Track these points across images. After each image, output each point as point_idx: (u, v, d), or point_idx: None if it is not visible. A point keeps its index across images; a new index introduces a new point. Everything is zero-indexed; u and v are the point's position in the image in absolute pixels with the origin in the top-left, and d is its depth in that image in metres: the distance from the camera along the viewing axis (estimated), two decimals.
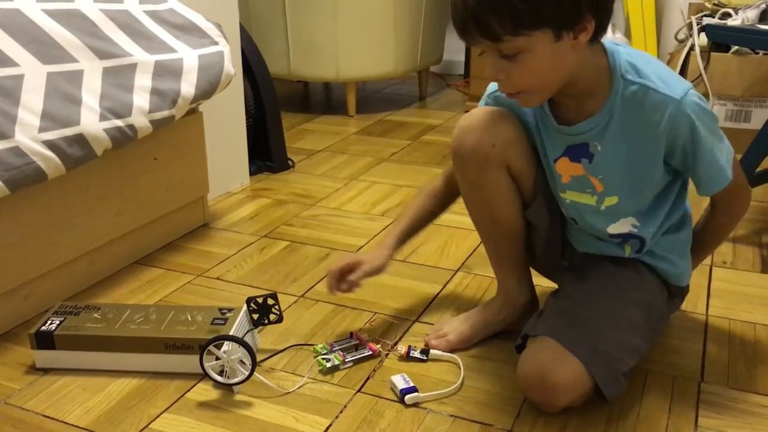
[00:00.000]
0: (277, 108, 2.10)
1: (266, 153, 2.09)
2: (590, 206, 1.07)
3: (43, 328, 1.13)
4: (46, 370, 1.14)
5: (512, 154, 1.09)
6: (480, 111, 1.11)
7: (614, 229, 1.09)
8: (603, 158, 1.02)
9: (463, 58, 3.39)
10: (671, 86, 0.95)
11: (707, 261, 1.49)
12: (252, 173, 2.05)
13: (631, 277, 1.10)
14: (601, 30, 0.92)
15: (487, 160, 1.09)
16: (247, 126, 1.99)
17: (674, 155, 1.00)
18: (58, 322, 1.15)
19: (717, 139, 1.00)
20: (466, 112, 0.97)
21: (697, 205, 1.17)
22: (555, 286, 1.25)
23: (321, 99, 3.13)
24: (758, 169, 1.59)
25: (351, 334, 1.21)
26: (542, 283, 1.31)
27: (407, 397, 1.05)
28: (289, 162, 2.15)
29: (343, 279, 1.19)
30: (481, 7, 0.86)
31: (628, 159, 1.01)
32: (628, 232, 1.08)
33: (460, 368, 1.13)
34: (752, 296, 1.36)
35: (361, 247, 1.59)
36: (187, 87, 1.44)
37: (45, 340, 1.13)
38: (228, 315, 1.16)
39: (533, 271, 1.24)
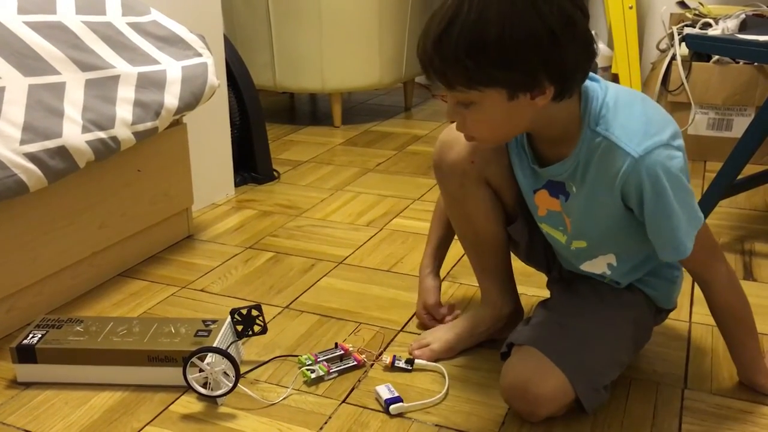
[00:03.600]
0: (262, 119, 2.10)
1: (251, 164, 2.09)
2: (561, 243, 1.08)
3: (25, 341, 1.12)
4: (27, 384, 1.13)
5: (491, 171, 1.09)
6: None
7: (588, 267, 1.09)
8: (574, 201, 1.00)
9: None
10: (634, 141, 0.90)
11: None
12: (237, 184, 2.04)
13: (620, 292, 1.09)
14: (566, 91, 0.89)
15: (466, 175, 1.09)
16: (232, 137, 1.99)
17: (634, 211, 0.96)
18: (40, 335, 1.14)
19: (677, 205, 0.92)
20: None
21: None
22: (540, 295, 1.26)
23: (306, 110, 3.13)
24: (740, 177, 1.60)
25: (336, 344, 1.21)
26: (527, 291, 1.32)
27: (392, 407, 1.05)
28: (275, 173, 2.15)
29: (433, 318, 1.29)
30: (438, 57, 0.86)
31: (593, 208, 0.99)
32: (601, 273, 1.08)
33: (444, 378, 1.13)
34: None
35: (346, 257, 1.59)
36: (171, 99, 1.44)
37: (26, 354, 1.12)
38: (212, 327, 1.15)
39: (518, 280, 1.24)
